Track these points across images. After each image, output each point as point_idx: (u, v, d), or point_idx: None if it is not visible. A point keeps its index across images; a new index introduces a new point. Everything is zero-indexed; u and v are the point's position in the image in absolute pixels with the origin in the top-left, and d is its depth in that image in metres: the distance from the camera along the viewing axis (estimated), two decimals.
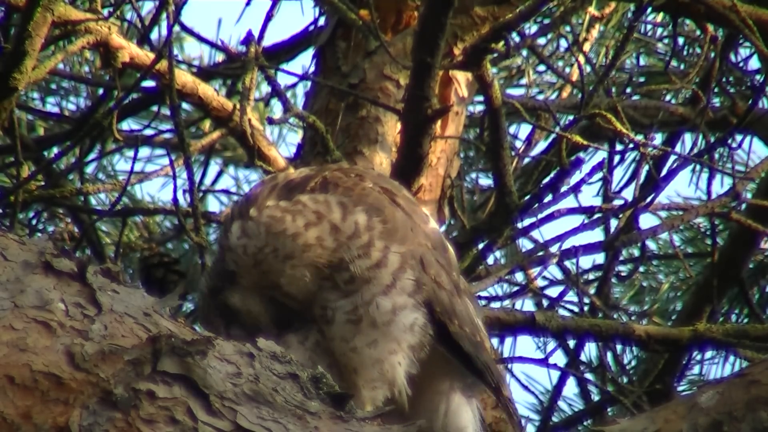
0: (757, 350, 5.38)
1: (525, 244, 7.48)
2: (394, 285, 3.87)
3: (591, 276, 7.62)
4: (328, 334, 3.90)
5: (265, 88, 7.73)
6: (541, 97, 7.75)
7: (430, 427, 3.94)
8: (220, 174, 7.97)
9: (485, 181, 8.04)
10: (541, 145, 7.54)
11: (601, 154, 7.70)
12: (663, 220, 5.89)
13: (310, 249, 3.85)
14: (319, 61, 6.46)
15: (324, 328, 3.90)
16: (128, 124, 7.62)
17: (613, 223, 6.28)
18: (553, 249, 5.62)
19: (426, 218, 4.07)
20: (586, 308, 6.91)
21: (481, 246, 5.51)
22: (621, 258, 7.45)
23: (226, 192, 7.82)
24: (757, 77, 7.40)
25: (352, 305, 3.85)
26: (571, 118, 5.23)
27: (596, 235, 8.88)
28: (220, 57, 7.68)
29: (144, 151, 7.84)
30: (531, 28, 7.52)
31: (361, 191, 3.93)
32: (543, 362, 5.28)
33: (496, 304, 5.46)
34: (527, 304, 7.59)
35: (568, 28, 7.55)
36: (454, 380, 4.06)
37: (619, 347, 7.24)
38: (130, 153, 7.57)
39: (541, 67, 7.76)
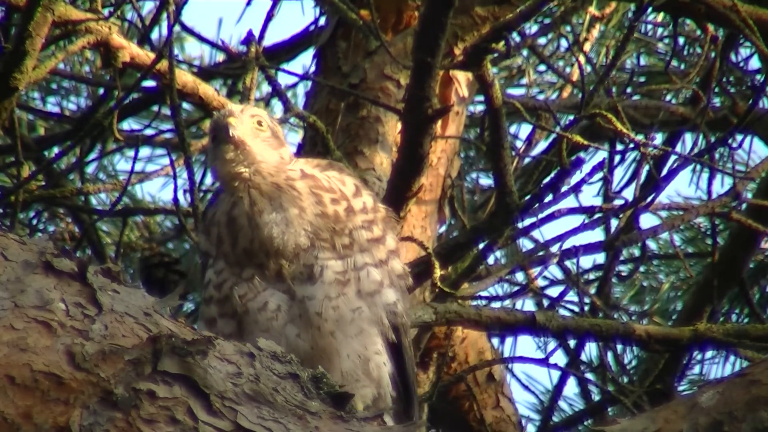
0: (757, 350, 5.38)
1: (525, 244, 7.50)
2: (386, 263, 4.12)
3: (591, 276, 7.62)
4: (304, 293, 4.03)
5: (266, 88, 7.74)
6: (541, 96, 7.76)
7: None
8: None
9: (485, 180, 8.05)
10: (542, 145, 7.55)
11: (602, 154, 7.72)
12: (663, 220, 5.89)
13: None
14: (320, 61, 6.46)
15: (296, 288, 4.03)
16: (129, 124, 7.64)
17: (614, 223, 6.28)
18: (554, 249, 5.62)
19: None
20: (586, 308, 6.91)
21: (481, 246, 5.51)
22: (621, 258, 7.45)
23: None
24: (758, 77, 7.40)
25: (343, 267, 4.05)
26: (571, 117, 5.23)
27: (597, 235, 8.90)
28: (220, 57, 7.69)
29: (144, 151, 7.85)
30: (531, 27, 7.54)
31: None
32: (543, 362, 5.28)
33: (496, 304, 5.45)
34: (528, 304, 7.61)
35: (568, 28, 7.56)
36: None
37: (619, 347, 7.25)
38: (131, 153, 7.58)
39: (542, 67, 7.77)
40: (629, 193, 7.80)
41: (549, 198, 5.20)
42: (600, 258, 7.53)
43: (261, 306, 4.05)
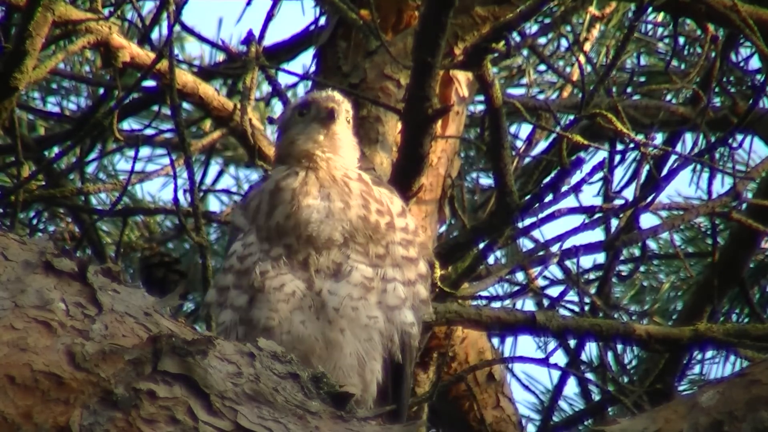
0: (757, 350, 5.38)
1: (525, 244, 7.50)
2: (414, 284, 4.17)
3: (591, 276, 7.62)
4: (326, 287, 4.08)
5: (266, 88, 7.74)
6: (541, 96, 7.75)
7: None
8: (220, 174, 7.98)
9: (486, 180, 8.05)
10: (542, 145, 7.55)
11: (602, 154, 7.71)
12: (663, 220, 5.89)
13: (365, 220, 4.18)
14: (320, 61, 6.46)
15: (317, 279, 4.08)
16: (129, 124, 7.63)
17: (614, 223, 6.28)
18: (554, 249, 5.62)
19: None
20: (586, 308, 6.90)
21: (481, 246, 5.51)
22: (621, 258, 7.44)
23: (227, 192, 7.83)
24: (758, 77, 7.39)
25: (372, 273, 4.09)
26: (571, 117, 5.23)
27: (597, 234, 8.88)
28: (220, 57, 7.69)
29: (144, 151, 7.85)
30: (532, 27, 7.53)
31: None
32: (544, 362, 5.28)
33: (496, 304, 5.45)
34: (528, 304, 7.61)
35: (568, 28, 7.55)
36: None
37: (619, 347, 7.25)
38: (131, 153, 7.58)
39: (542, 67, 7.77)
40: (629, 193, 7.78)
41: (549, 198, 5.20)
42: (600, 258, 7.53)
43: (278, 286, 4.08)
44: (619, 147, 7.20)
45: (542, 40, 7.67)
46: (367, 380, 4.14)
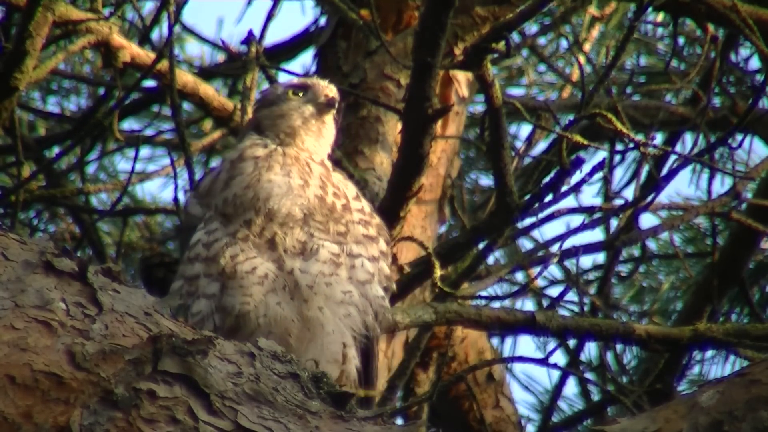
0: (757, 350, 5.37)
1: (525, 244, 7.51)
2: (377, 261, 4.21)
3: (591, 276, 7.63)
4: (296, 265, 4.09)
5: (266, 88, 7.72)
6: (541, 96, 7.76)
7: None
8: None
9: (485, 180, 8.06)
10: (542, 145, 7.56)
11: (602, 154, 7.73)
12: (663, 220, 5.89)
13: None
14: (320, 61, 6.46)
15: (286, 259, 4.09)
16: (129, 124, 7.64)
17: (614, 223, 6.28)
18: (554, 249, 5.62)
19: None
20: (586, 308, 6.91)
21: (481, 246, 5.51)
22: (621, 258, 7.45)
23: None
24: (758, 77, 7.40)
25: (338, 249, 4.13)
26: (571, 117, 5.21)
27: (597, 234, 8.92)
28: (220, 57, 7.69)
29: (145, 151, 7.85)
30: (532, 27, 7.54)
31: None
32: (543, 362, 5.26)
33: (496, 304, 5.44)
34: (528, 304, 7.61)
35: (568, 28, 7.56)
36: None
37: (619, 347, 7.25)
38: (131, 153, 7.58)
39: (542, 67, 7.77)
40: (629, 193, 7.83)
41: (549, 198, 5.19)
42: (600, 258, 7.54)
43: (249, 270, 4.08)
44: (619, 147, 7.21)
45: (542, 40, 7.69)
46: (346, 362, 4.15)
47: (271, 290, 4.07)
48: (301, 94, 4.40)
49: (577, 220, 5.97)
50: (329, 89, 4.42)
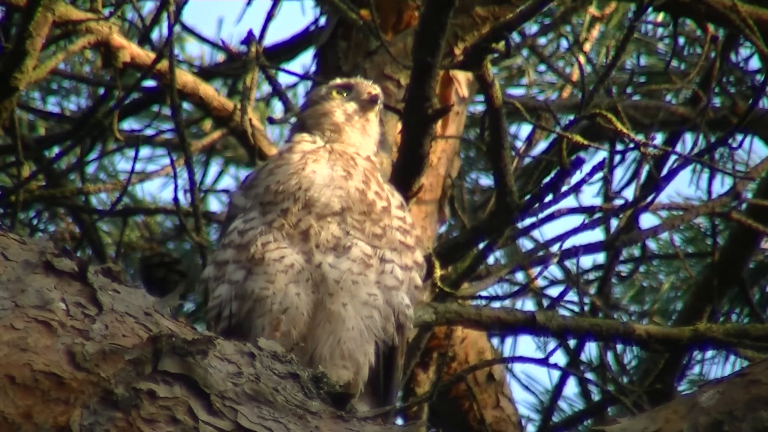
0: (757, 350, 5.37)
1: (525, 244, 7.51)
2: (410, 270, 4.22)
3: (591, 276, 7.63)
4: (325, 260, 4.12)
5: (266, 88, 7.74)
6: (541, 96, 7.76)
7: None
8: (220, 174, 7.98)
9: (486, 180, 8.05)
10: (542, 145, 7.55)
11: (602, 154, 7.72)
12: (663, 220, 5.89)
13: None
14: (320, 61, 6.46)
15: (317, 253, 4.12)
16: (129, 124, 7.64)
17: (614, 223, 6.28)
18: (554, 249, 5.62)
19: None
20: (586, 308, 6.91)
21: (481, 246, 5.51)
22: (621, 258, 7.45)
23: (227, 192, 7.83)
24: (758, 77, 7.40)
25: (371, 251, 4.15)
26: (571, 117, 5.22)
27: (597, 234, 8.91)
28: (220, 57, 7.69)
29: (145, 151, 7.85)
30: (532, 27, 7.54)
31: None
32: (543, 362, 5.27)
33: (496, 304, 5.45)
34: (528, 304, 7.61)
35: (568, 28, 7.56)
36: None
37: (619, 347, 7.25)
38: (131, 153, 7.58)
39: (542, 67, 7.77)
40: (629, 193, 7.83)
41: (549, 198, 5.19)
42: (600, 258, 7.54)
43: (277, 258, 4.11)
44: (619, 147, 7.21)
45: (542, 40, 7.68)
46: (360, 362, 4.15)
47: (294, 281, 4.10)
48: (345, 94, 4.48)
49: (577, 220, 5.96)
50: (372, 87, 4.50)
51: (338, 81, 4.57)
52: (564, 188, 5.17)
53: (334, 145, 4.34)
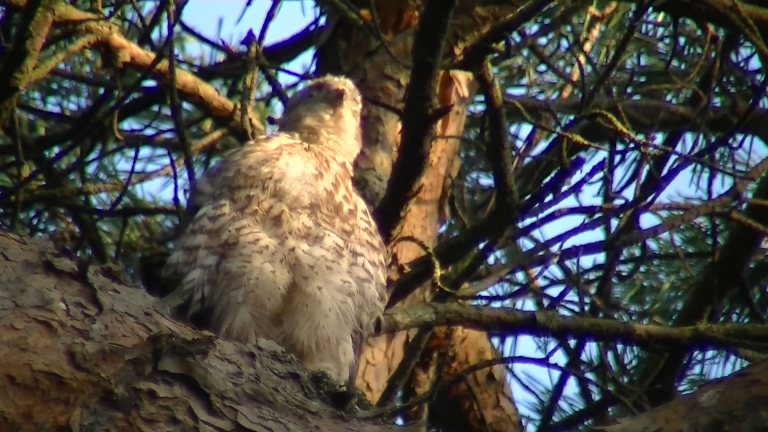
0: (757, 350, 5.37)
1: (526, 244, 7.51)
2: (377, 267, 4.24)
3: (592, 275, 7.63)
4: (301, 246, 4.12)
5: (266, 88, 7.75)
6: (541, 96, 7.76)
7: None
8: None
9: (486, 180, 8.05)
10: (542, 145, 7.56)
11: (602, 154, 7.72)
12: (664, 220, 5.89)
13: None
14: (320, 61, 6.46)
15: (290, 238, 4.12)
16: (129, 124, 7.64)
17: (614, 223, 6.28)
18: (554, 249, 5.62)
19: None
20: (586, 308, 6.91)
21: (481, 246, 5.51)
22: (622, 258, 7.45)
23: None
24: (758, 77, 7.40)
25: (342, 243, 4.17)
26: (571, 117, 5.22)
27: (597, 234, 8.92)
28: (220, 57, 7.69)
29: (145, 151, 7.85)
30: (532, 27, 7.54)
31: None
32: (544, 362, 5.26)
33: (496, 304, 5.45)
34: (528, 304, 7.61)
35: (568, 28, 7.56)
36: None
37: (619, 347, 7.25)
38: (131, 153, 7.58)
39: (542, 67, 7.77)
40: (629, 193, 7.82)
41: (549, 198, 5.19)
42: (600, 258, 7.54)
43: (252, 240, 4.11)
44: (619, 147, 7.21)
45: (542, 40, 7.69)
46: (341, 362, 4.14)
47: (269, 260, 4.09)
48: (315, 94, 4.50)
49: (577, 220, 5.96)
50: (341, 83, 4.50)
51: (310, 82, 4.59)
52: (564, 188, 5.17)
53: (312, 145, 4.37)
